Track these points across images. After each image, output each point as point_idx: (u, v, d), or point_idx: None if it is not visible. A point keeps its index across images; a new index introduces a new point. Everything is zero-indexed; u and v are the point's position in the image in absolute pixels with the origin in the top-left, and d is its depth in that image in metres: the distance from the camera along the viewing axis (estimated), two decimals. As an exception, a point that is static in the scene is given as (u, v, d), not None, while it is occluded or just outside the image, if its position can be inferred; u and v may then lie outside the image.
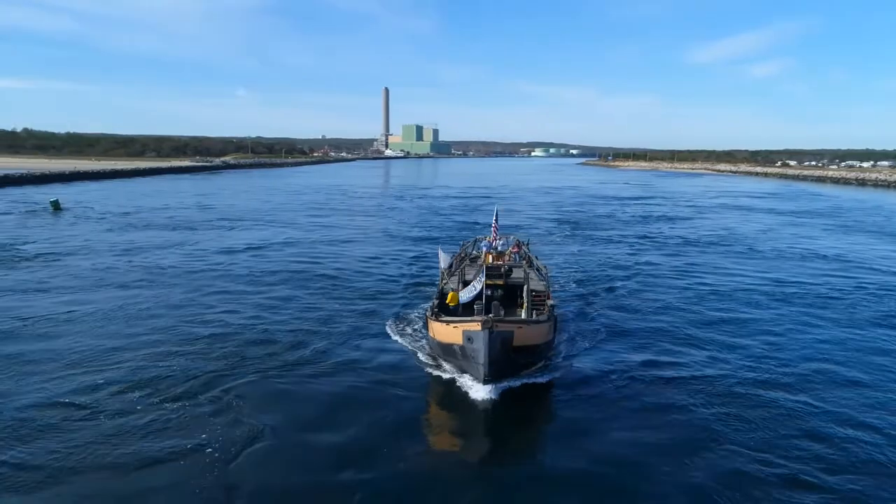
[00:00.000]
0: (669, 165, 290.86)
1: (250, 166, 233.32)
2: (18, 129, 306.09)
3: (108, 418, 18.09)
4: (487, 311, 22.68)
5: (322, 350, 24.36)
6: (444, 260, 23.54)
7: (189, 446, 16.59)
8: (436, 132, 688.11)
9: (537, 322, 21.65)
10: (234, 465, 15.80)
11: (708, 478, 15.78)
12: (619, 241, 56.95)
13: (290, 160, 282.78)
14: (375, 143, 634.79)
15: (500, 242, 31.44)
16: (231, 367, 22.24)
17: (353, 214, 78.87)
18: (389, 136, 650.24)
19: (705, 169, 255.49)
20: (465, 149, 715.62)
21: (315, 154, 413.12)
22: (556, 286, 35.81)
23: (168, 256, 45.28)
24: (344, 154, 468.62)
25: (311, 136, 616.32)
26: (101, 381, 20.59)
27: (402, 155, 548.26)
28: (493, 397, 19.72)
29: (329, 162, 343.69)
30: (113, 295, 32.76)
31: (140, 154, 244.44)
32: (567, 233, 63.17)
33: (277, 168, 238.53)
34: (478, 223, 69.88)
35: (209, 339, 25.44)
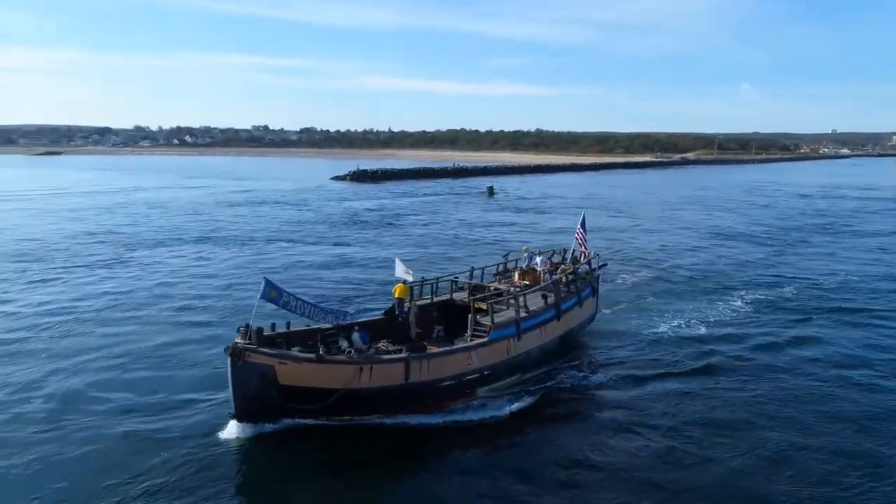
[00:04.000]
0: None
1: (710, 162, 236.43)
2: (532, 130, 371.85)
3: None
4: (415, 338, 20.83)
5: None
6: (399, 269, 22.74)
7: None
8: None
9: (310, 360, 17.37)
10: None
11: None
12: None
13: (756, 157, 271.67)
14: (895, 137, 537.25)
15: (540, 258, 27.80)
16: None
17: (712, 210, 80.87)
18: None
19: None
20: None
21: (802, 150, 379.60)
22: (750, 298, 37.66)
23: (478, 232, 58.02)
24: (844, 150, 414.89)
25: (818, 131, 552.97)
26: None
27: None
28: (242, 435, 17.12)
29: (811, 159, 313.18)
30: (382, 252, 45.42)
31: (610, 150, 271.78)
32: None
33: (740, 165, 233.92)
34: (807, 226, 66.12)
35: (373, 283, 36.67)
